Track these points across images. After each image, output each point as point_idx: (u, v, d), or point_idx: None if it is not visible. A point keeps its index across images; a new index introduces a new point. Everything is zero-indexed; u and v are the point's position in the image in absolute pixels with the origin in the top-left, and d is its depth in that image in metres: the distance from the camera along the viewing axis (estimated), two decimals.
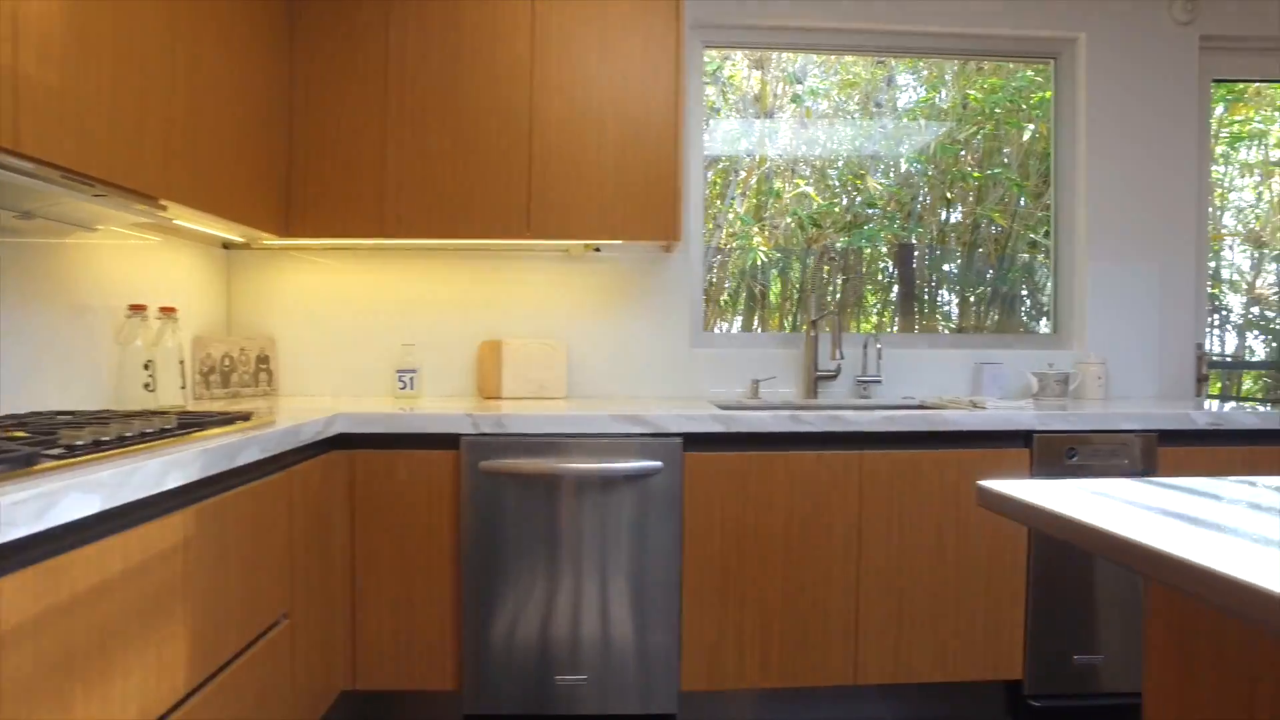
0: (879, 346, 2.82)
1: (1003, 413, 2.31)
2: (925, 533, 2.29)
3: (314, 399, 2.62)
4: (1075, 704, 2.38)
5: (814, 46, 3.06)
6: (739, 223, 3.41)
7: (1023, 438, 2.34)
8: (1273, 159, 4.43)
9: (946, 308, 3.48)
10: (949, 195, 3.51)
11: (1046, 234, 3.26)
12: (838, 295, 3.36)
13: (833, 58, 3.31)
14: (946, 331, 3.34)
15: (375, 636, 2.18)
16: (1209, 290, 3.20)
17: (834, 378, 2.84)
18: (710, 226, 3.35)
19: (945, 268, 3.50)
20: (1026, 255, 3.32)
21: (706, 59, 3.19)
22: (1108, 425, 2.34)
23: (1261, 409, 2.46)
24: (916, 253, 3.42)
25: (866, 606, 2.27)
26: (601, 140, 2.50)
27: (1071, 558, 2.33)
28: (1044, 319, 3.26)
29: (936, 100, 3.48)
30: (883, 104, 3.48)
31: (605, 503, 2.19)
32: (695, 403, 2.58)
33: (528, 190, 2.48)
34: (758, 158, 3.38)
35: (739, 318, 3.45)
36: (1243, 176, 4.54)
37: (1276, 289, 4.47)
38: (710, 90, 3.30)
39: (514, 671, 2.18)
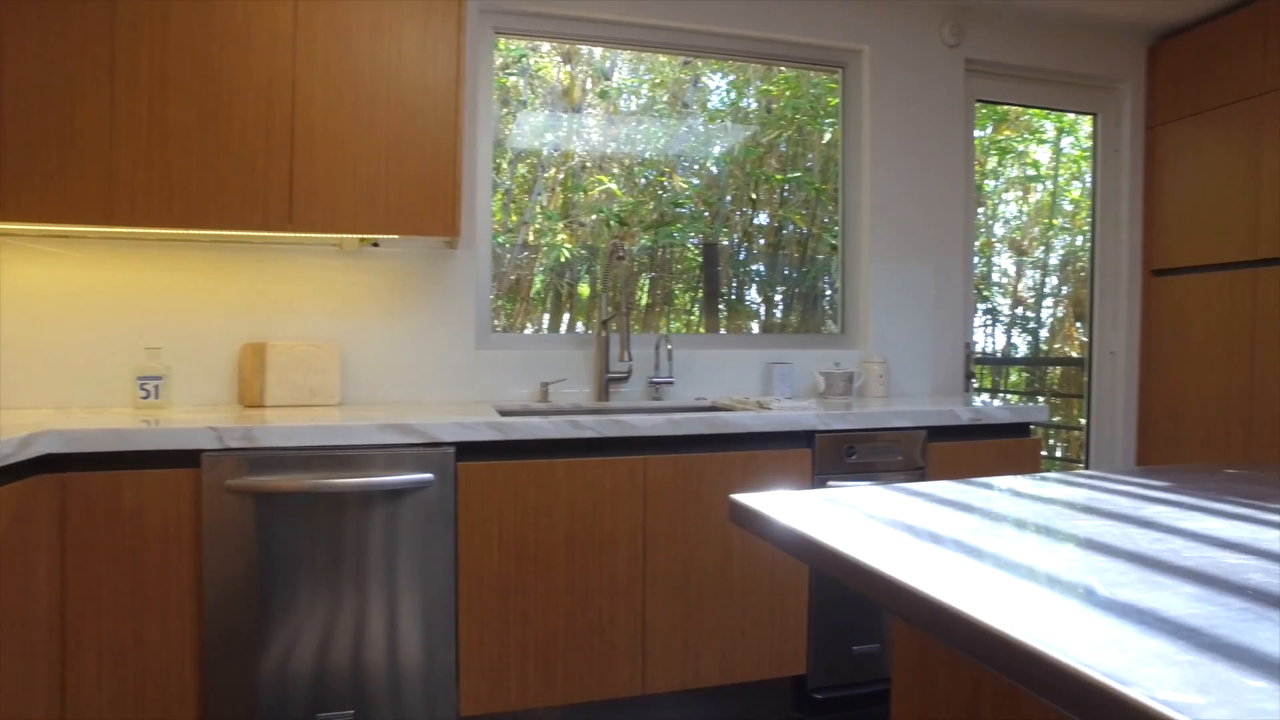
0: (669, 347, 2.80)
1: (785, 414, 2.33)
2: (711, 536, 2.28)
3: (29, 412, 2.25)
4: (856, 692, 2.45)
5: (614, 41, 3.00)
6: (545, 218, 3.30)
7: (805, 438, 2.38)
8: (1030, 175, 4.89)
9: (754, 307, 3.54)
10: (754, 197, 3.57)
11: (835, 235, 3.38)
12: (644, 295, 3.33)
13: (642, 55, 3.27)
14: (754, 330, 3.39)
15: (94, 691, 1.88)
16: (982, 293, 3.45)
17: (626, 379, 2.79)
18: (515, 221, 3.22)
19: (752, 268, 3.55)
20: (823, 256, 3.43)
21: (512, 48, 3.05)
22: (883, 424, 2.42)
23: (1012, 404, 2.65)
24: (725, 253, 3.45)
25: (654, 614, 2.23)
26: (375, 126, 2.30)
27: None
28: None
29: (743, 103, 3.53)
30: (690, 104, 3.48)
31: (370, 520, 2.01)
32: (475, 408, 2.44)
33: (289, 177, 2.24)
34: (565, 153, 3.28)
35: (548, 315, 3.35)
36: (1008, 190, 4.98)
37: (1034, 291, 4.92)
38: (520, 82, 3.17)
39: (270, 713, 1.96)
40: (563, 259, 3.29)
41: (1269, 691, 0.53)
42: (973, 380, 3.35)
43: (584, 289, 3.35)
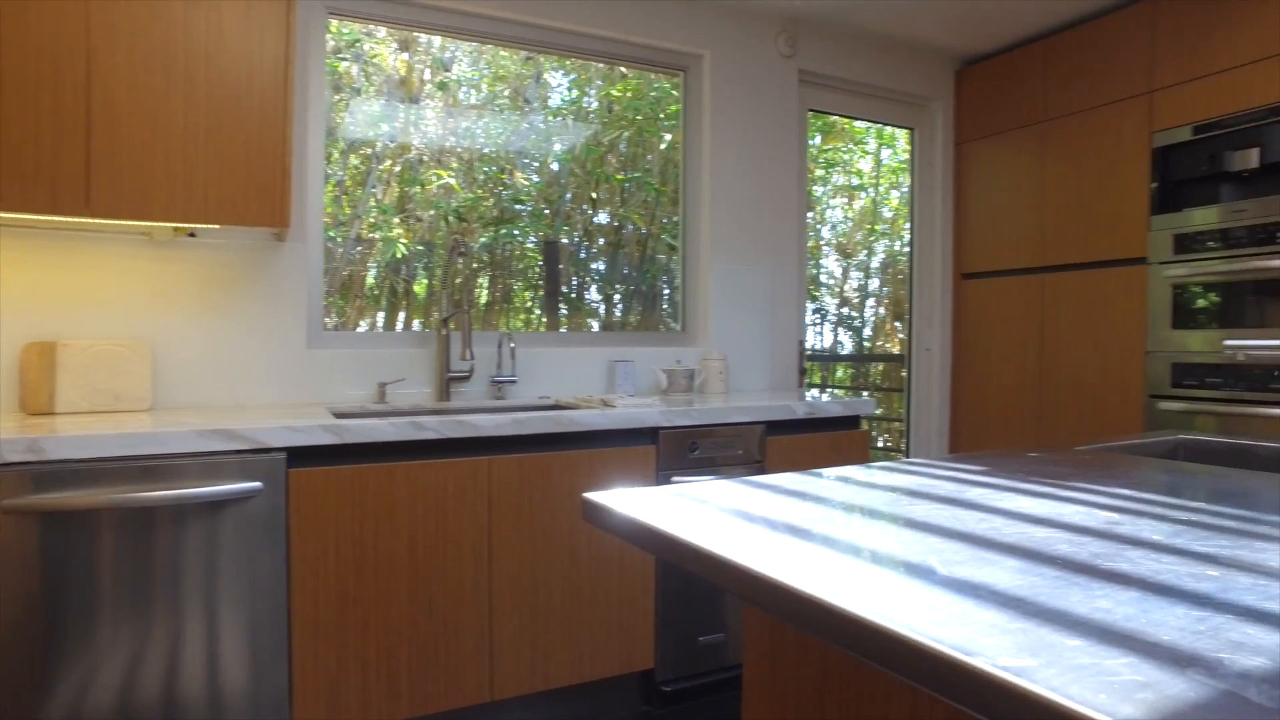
0: (513, 346, 2.76)
1: (629, 411, 2.35)
2: (558, 536, 2.26)
3: None
4: (702, 681, 2.51)
5: (455, 31, 2.90)
6: (380, 212, 3.14)
7: (649, 434, 2.41)
8: (854, 184, 5.22)
9: (594, 305, 3.54)
10: (595, 196, 3.57)
11: (673, 236, 3.45)
12: (483, 293, 3.25)
13: (483, 47, 3.18)
14: (595, 329, 3.39)
15: None
16: (812, 293, 3.65)
17: (468, 378, 2.71)
18: (348, 214, 3.05)
19: (592, 266, 3.55)
20: (664, 256, 3.49)
21: (346, 32, 2.88)
22: (724, 419, 2.49)
23: (843, 399, 2.81)
24: (566, 251, 3.43)
25: (500, 618, 2.18)
26: (192, 105, 2.10)
27: None
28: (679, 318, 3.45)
29: (584, 102, 3.52)
30: (532, 100, 3.43)
31: (186, 537, 1.83)
32: (307, 411, 2.29)
33: (87, 156, 2.00)
34: (402, 145, 3.14)
35: (383, 313, 3.19)
36: (834, 197, 5.30)
37: (858, 292, 5.25)
38: (353, 68, 2.99)
39: None
40: (399, 255, 3.16)
41: (1084, 648, 0.58)
42: (805, 376, 3.53)
43: (420, 286, 3.23)
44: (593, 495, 1.14)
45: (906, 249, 3.96)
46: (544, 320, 3.36)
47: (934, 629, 0.61)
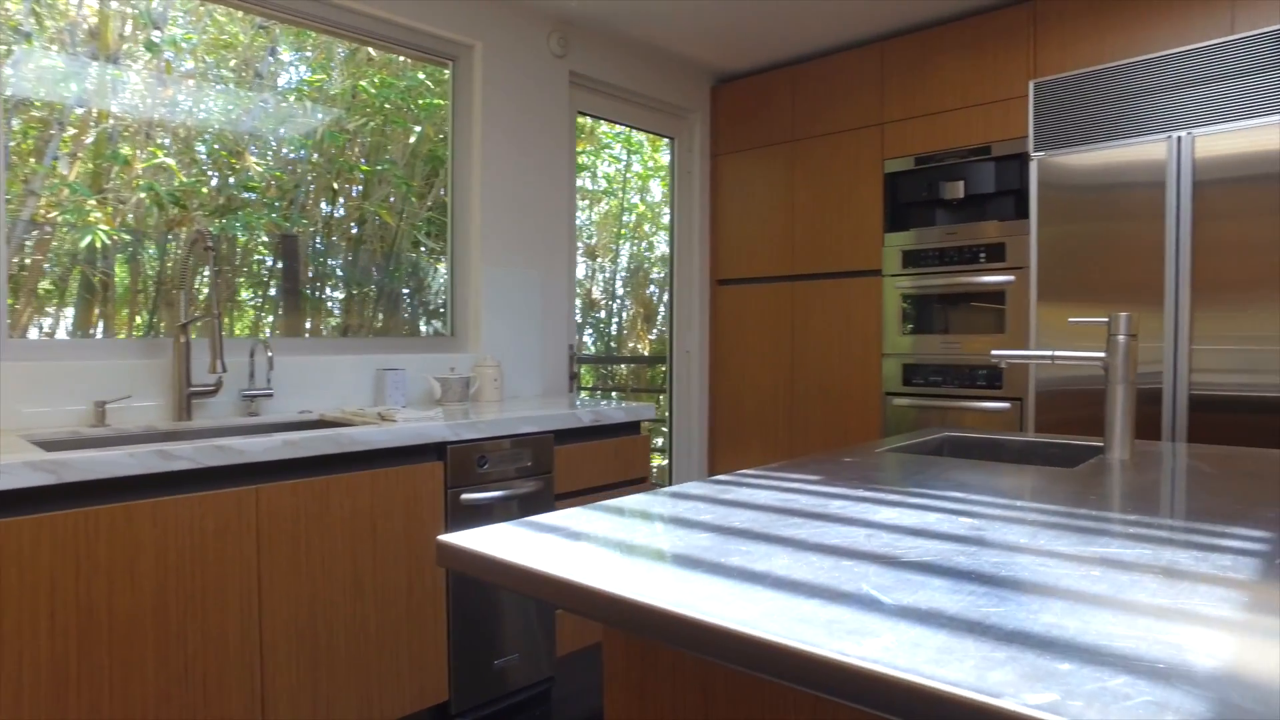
0: (270, 354, 2.41)
1: (414, 425, 2.15)
2: (339, 569, 2.00)
3: None
4: (500, 706, 2.38)
5: None
6: (66, 191, 2.57)
7: (436, 450, 2.22)
8: (600, 189, 5.31)
9: (332, 305, 3.20)
10: (335, 187, 3.24)
11: (430, 234, 3.24)
12: (205, 291, 2.80)
13: (201, 8, 2.74)
14: (332, 332, 3.06)
15: None
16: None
17: (214, 393, 2.32)
18: (20, 191, 2.45)
19: (331, 263, 3.22)
20: (414, 254, 3.26)
21: None
22: (513, 430, 2.38)
23: (626, 405, 2.82)
24: (303, 246, 3.07)
25: (275, 672, 1.88)
26: None
27: None
28: (433, 320, 3.23)
29: (326, 85, 3.17)
30: (265, 76, 3.02)
31: None
32: (2, 439, 1.81)
33: None
34: (96, 112, 2.60)
35: (72, 312, 2.62)
36: (583, 200, 5.35)
37: (606, 294, 5.35)
38: (21, 6, 2.41)
39: None
40: (98, 244, 2.63)
41: (1082, 672, 0.59)
42: (575, 381, 3.50)
43: (120, 281, 2.71)
44: (454, 539, 1.00)
45: (647, 253, 4.09)
46: (272, 323, 2.97)
47: (936, 669, 0.58)
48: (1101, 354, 1.56)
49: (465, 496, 2.26)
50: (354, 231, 3.23)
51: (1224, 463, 1.53)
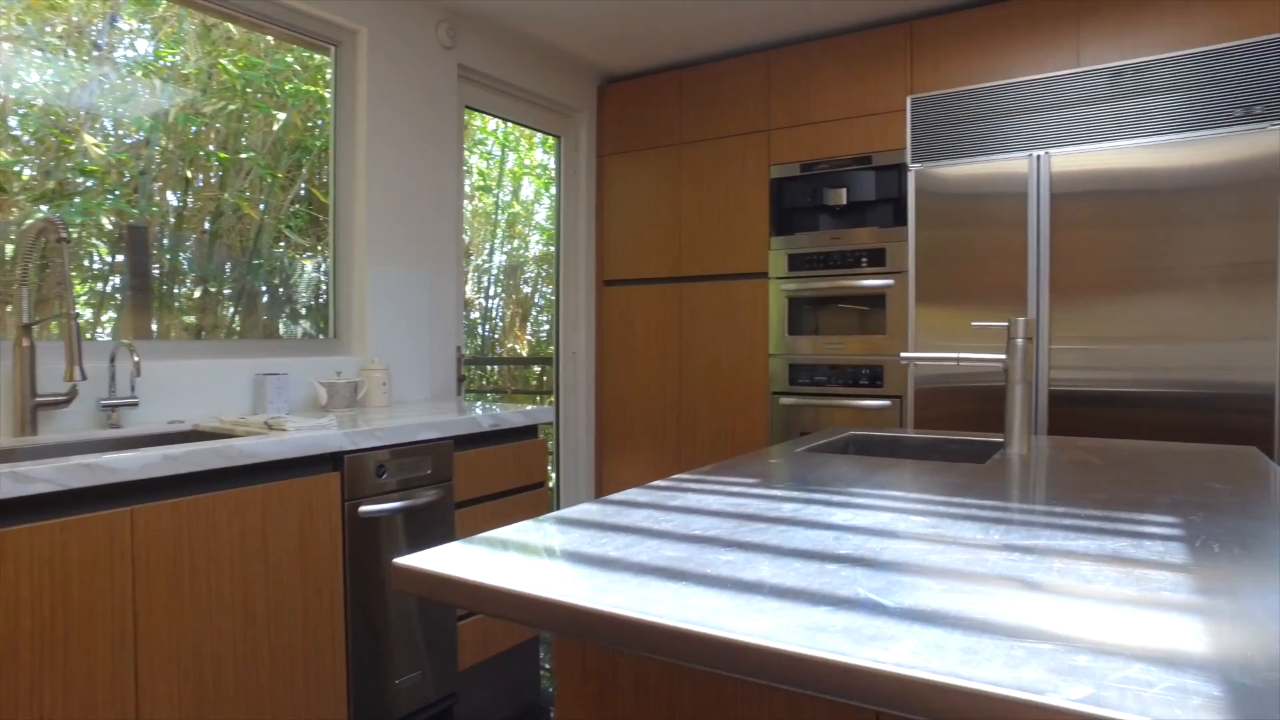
0: (137, 359, 2.18)
1: (308, 435, 2.01)
2: (228, 594, 1.83)
3: None
4: None
5: None
6: None
7: (331, 460, 2.09)
8: (474, 186, 5.19)
9: (182, 305, 2.93)
10: (189, 175, 2.98)
11: (297, 229, 3.04)
12: (39, 286, 2.49)
13: None
14: (182, 333, 2.80)
15: None
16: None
17: (67, 403, 2.07)
18: None
19: (181, 258, 2.95)
20: (280, 249, 3.04)
21: None
22: (413, 437, 2.27)
23: (525, 408, 2.76)
24: (152, 238, 2.80)
25: (153, 710, 1.70)
26: None
27: (383, 585, 2.19)
28: (301, 320, 3.03)
29: (179, 62, 2.90)
30: (104, 48, 2.73)
31: None
32: None
33: None
34: None
35: None
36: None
37: (482, 294, 5.23)
38: None
39: None
40: None
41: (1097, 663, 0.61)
42: (464, 383, 3.39)
43: None
44: (415, 562, 0.93)
45: (523, 252, 4.04)
46: (114, 323, 2.68)
47: (972, 670, 0.60)
48: (1002, 356, 1.66)
49: (363, 509, 2.13)
50: (207, 225, 2.97)
51: (1105, 454, 1.68)
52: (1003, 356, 1.65)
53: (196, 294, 2.94)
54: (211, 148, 2.94)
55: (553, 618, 0.80)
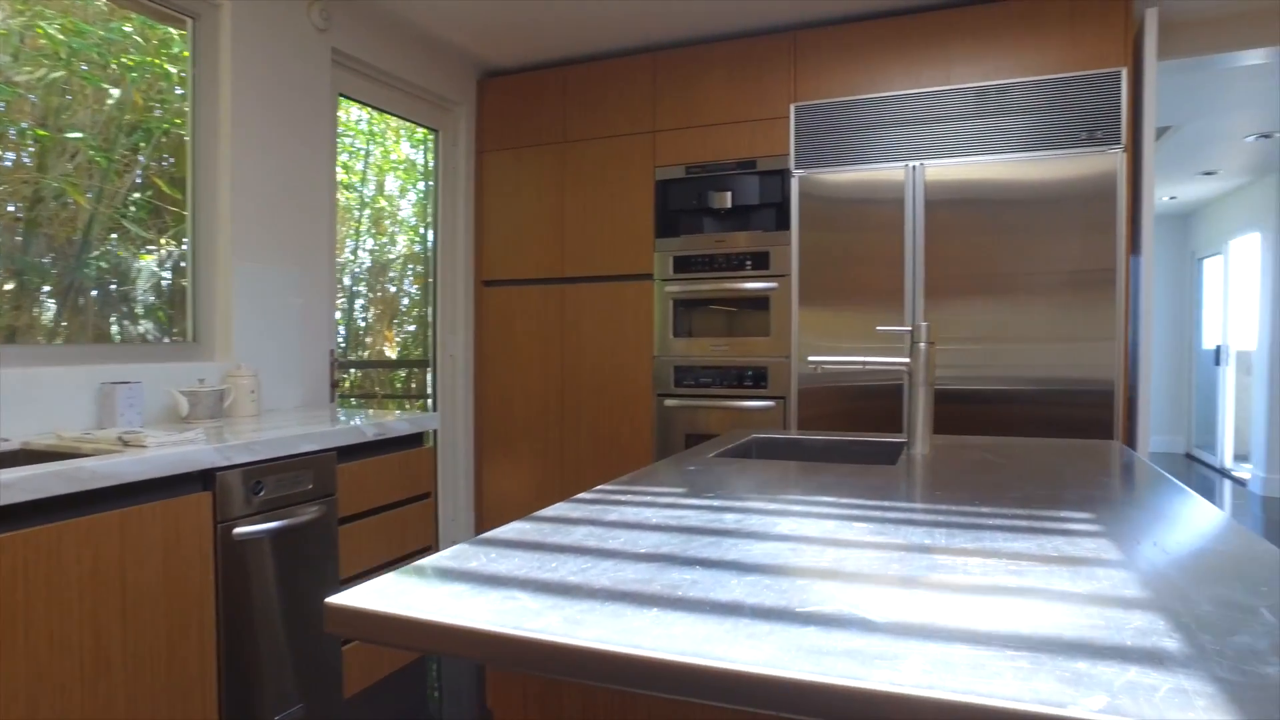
0: None
1: (176, 451, 1.80)
2: (76, 639, 1.61)
3: None
4: None
5: None
6: None
7: (201, 479, 1.88)
8: (344, 184, 4.90)
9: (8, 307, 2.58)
10: None
11: (137, 220, 2.74)
12: None
13: None
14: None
15: None
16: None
17: None
18: None
19: None
20: (114, 245, 2.72)
21: None
22: (292, 450, 2.09)
23: (411, 415, 2.61)
24: None
25: None
26: None
27: (260, 613, 2.00)
28: (141, 321, 2.73)
29: None
30: None
31: None
32: None
33: None
34: None
35: None
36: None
37: (345, 294, 4.95)
38: None
39: None
40: None
41: (1134, 673, 0.62)
42: (337, 389, 3.18)
43: None
44: (349, 600, 0.83)
45: (389, 249, 3.87)
46: None
47: (989, 686, 0.59)
48: (905, 360, 1.72)
49: (239, 530, 1.94)
50: (14, 209, 2.61)
51: (999, 452, 1.77)
52: (906, 360, 1.71)
53: (8, 288, 2.58)
54: (26, 125, 2.59)
55: (530, 657, 0.73)
